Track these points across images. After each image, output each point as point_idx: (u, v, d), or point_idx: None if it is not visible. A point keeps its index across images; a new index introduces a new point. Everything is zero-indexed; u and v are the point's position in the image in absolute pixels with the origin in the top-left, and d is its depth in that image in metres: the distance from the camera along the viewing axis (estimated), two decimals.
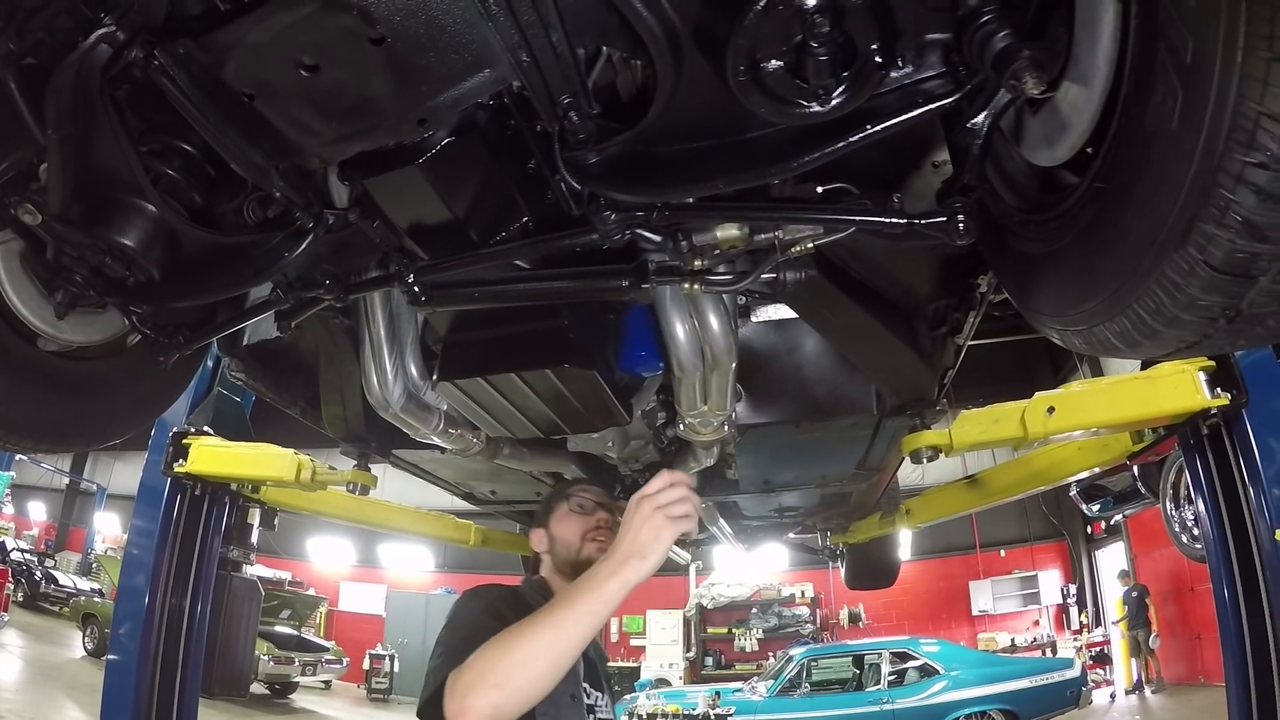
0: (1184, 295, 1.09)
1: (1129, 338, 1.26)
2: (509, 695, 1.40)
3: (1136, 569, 15.12)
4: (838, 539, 6.93)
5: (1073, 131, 1.27)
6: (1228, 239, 0.99)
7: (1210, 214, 0.99)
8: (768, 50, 1.25)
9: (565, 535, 2.05)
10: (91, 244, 1.87)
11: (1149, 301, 1.16)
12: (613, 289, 1.87)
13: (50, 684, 11.37)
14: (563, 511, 2.09)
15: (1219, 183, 0.96)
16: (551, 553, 2.07)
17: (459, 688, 1.42)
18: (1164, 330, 1.18)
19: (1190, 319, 1.12)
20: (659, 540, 1.52)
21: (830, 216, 1.62)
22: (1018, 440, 3.16)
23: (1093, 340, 1.36)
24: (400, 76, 1.41)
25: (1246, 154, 0.92)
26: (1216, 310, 1.09)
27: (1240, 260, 1.00)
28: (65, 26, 1.41)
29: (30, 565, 19.59)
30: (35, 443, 2.21)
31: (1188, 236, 1.03)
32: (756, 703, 11.17)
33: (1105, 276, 1.24)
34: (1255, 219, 0.96)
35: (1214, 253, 1.01)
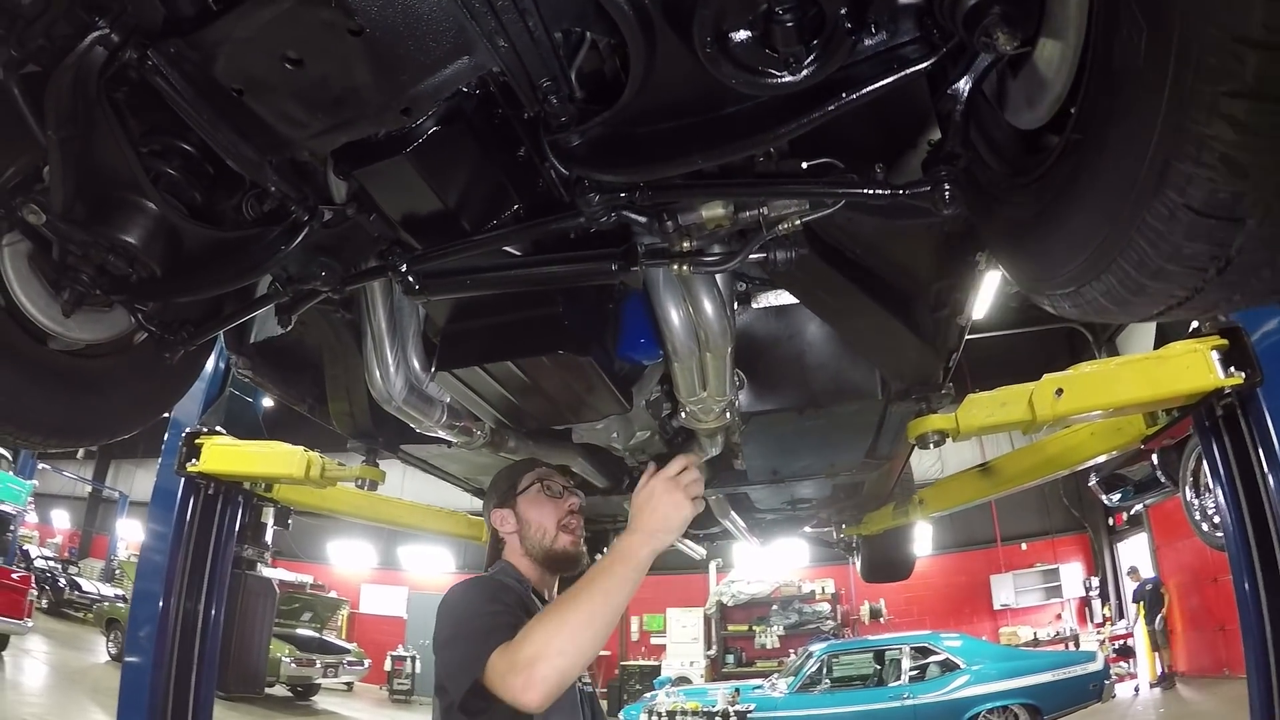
0: (1167, 244, 1.04)
1: (1116, 295, 1.22)
2: (572, 660, 1.55)
3: (1159, 560, 14.96)
4: (851, 531, 6.89)
5: (1052, 89, 1.26)
6: (1207, 178, 0.94)
7: (1186, 152, 0.94)
8: (734, 20, 1.25)
9: (539, 519, 2.07)
10: (94, 242, 1.92)
11: (1132, 254, 1.11)
12: (602, 272, 1.88)
13: (74, 688, 11.51)
14: (533, 494, 2.10)
15: (1192, 117, 0.91)
16: (521, 535, 2.07)
17: (520, 661, 1.53)
18: (1151, 284, 1.13)
19: (1177, 270, 1.08)
20: (680, 517, 1.75)
21: (810, 189, 1.61)
22: (1026, 423, 3.10)
23: (1082, 302, 1.33)
24: (381, 66, 1.43)
25: (1217, 83, 0.87)
26: (1204, 259, 1.04)
27: (1223, 201, 0.95)
28: (64, 33, 1.46)
29: (54, 572, 19.87)
30: (45, 438, 2.25)
31: (1165, 178, 0.99)
32: (776, 699, 11.14)
33: (1087, 231, 1.20)
34: (1234, 155, 0.90)
35: (1194, 194, 0.96)
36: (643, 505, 1.76)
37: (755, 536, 6.83)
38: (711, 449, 3.37)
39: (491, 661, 1.55)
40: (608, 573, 1.62)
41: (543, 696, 1.52)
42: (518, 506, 2.09)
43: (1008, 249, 1.58)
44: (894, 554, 7.20)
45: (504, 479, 2.18)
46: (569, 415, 2.64)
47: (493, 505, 2.15)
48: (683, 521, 1.76)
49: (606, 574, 1.62)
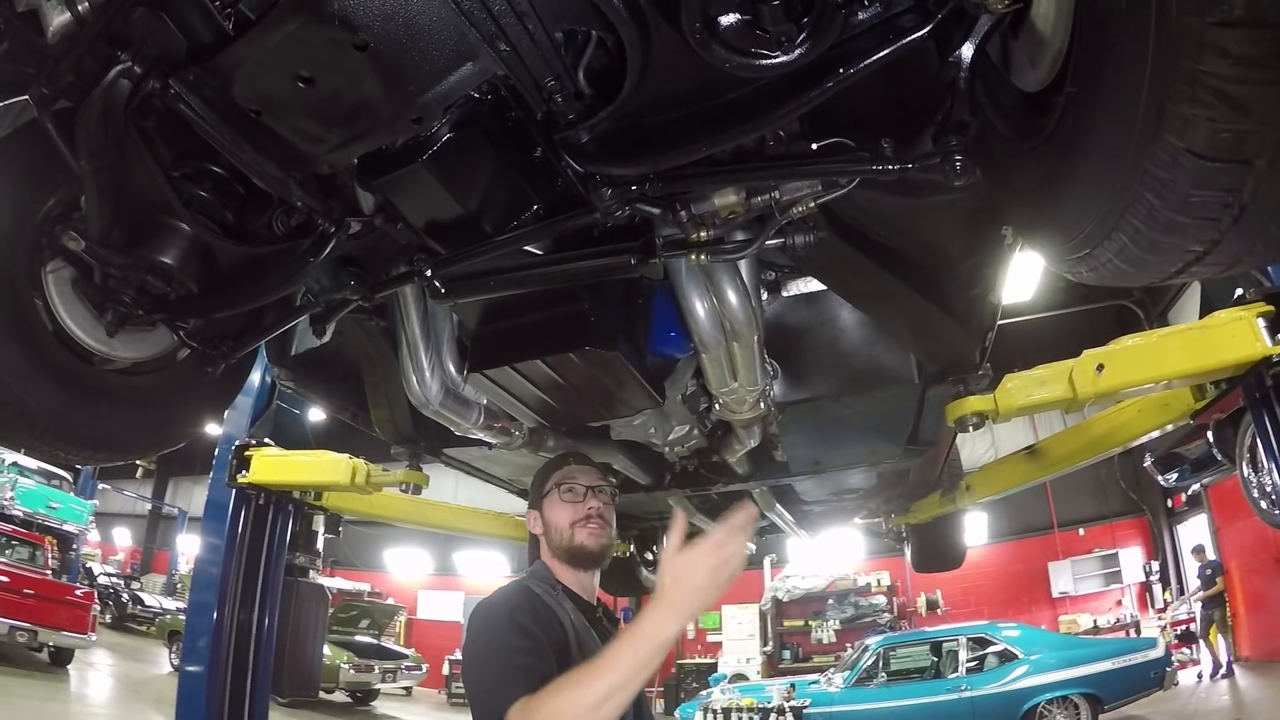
0: (1174, 193, 0.99)
1: (1130, 254, 1.17)
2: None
3: (1220, 541, 14.54)
4: (900, 520, 6.81)
5: (1051, 45, 1.23)
6: (1206, 118, 0.88)
7: (1180, 91, 0.89)
8: (720, 3, 1.26)
9: (556, 521, 2.04)
10: (133, 264, 2.01)
11: (1140, 208, 1.06)
12: (622, 266, 1.90)
13: (138, 699, 11.82)
14: (554, 497, 2.06)
15: (1181, 53, 0.86)
16: (546, 536, 2.06)
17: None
18: (1163, 239, 1.08)
19: (1188, 221, 1.02)
20: (715, 595, 1.49)
21: (817, 168, 1.61)
22: (1068, 402, 3.03)
23: (1097, 266, 1.28)
24: (388, 78, 1.48)
25: (1203, 13, 0.82)
26: (1215, 207, 0.98)
27: (1226, 142, 0.89)
28: (91, 68, 1.54)
29: (117, 588, 20.43)
30: (93, 453, 2.33)
31: (1162, 121, 0.93)
32: (833, 694, 11.03)
33: (1092, 188, 1.16)
34: (1231, 89, 0.85)
35: (1194, 137, 0.91)
36: (679, 578, 1.49)
37: (803, 529, 6.80)
38: (750, 441, 3.36)
39: (510, 715, 1.51)
40: (630, 651, 1.47)
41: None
42: (543, 508, 2.08)
43: (1023, 217, 1.54)
44: (944, 542, 7.10)
45: (538, 479, 2.17)
46: (602, 412, 2.66)
47: (529, 508, 2.16)
48: (716, 597, 1.50)
49: (630, 652, 1.46)
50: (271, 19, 1.41)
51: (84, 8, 1.49)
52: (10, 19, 1.55)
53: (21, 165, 2.08)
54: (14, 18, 1.54)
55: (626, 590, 8.12)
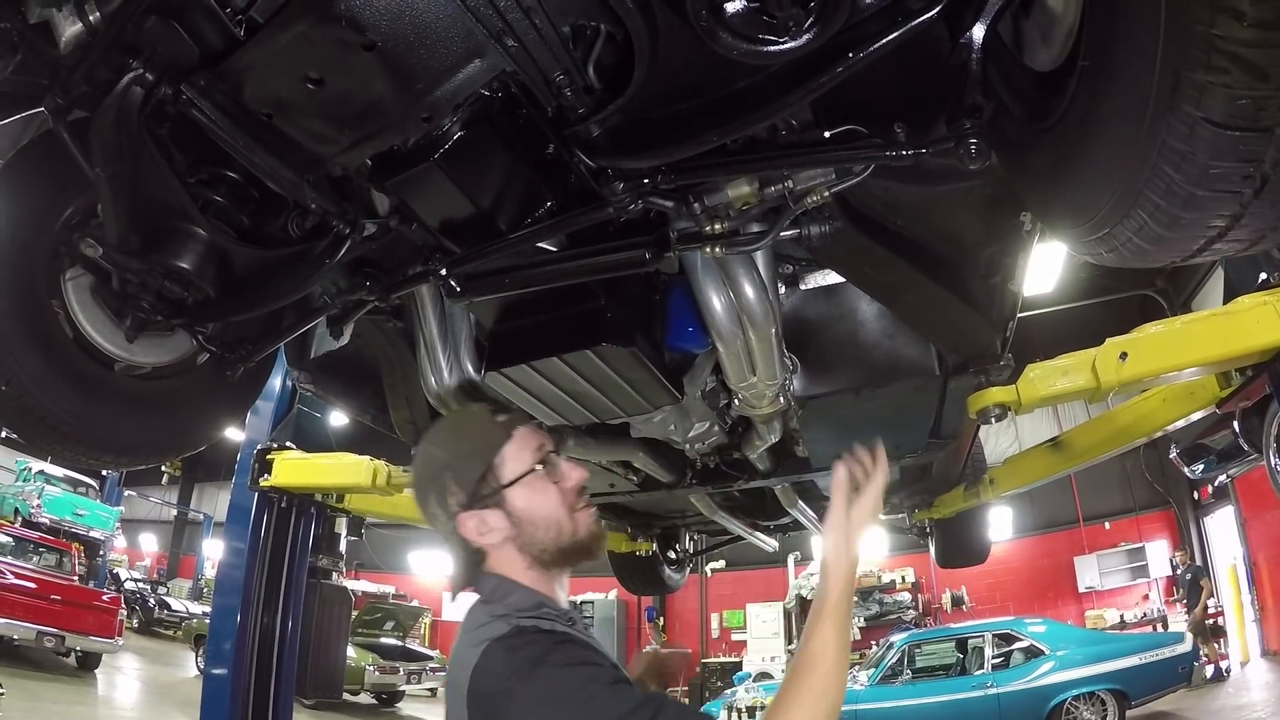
0: (1193, 165, 0.96)
1: (1150, 233, 1.14)
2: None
3: (1247, 533, 14.33)
4: (923, 516, 6.76)
5: (1063, 21, 1.21)
6: (1223, 85, 0.85)
7: (1195, 58, 0.86)
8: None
9: (548, 513, 1.48)
10: (150, 269, 2.04)
11: (1159, 183, 1.03)
12: (637, 260, 1.88)
13: (165, 701, 11.97)
14: (532, 481, 1.48)
15: (1195, 17, 0.83)
16: (521, 540, 1.46)
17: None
18: (1184, 214, 1.05)
19: (1209, 195, 0.99)
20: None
21: (829, 155, 1.59)
22: (1091, 391, 2.98)
23: (1117, 245, 1.25)
24: (397, 77, 1.48)
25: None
26: (1237, 178, 0.95)
27: (1245, 109, 0.86)
28: (105, 77, 1.56)
29: (144, 593, 20.67)
30: (116, 458, 2.36)
31: (1178, 91, 0.90)
32: (858, 692, 10.96)
33: (1109, 165, 1.13)
34: (1247, 54, 0.82)
35: (1211, 105, 0.88)
36: (854, 535, 1.42)
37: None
38: (771, 436, 3.34)
39: None
40: (840, 639, 1.33)
41: None
42: (508, 503, 1.46)
43: (1040, 199, 1.52)
44: (969, 537, 7.04)
45: (469, 459, 1.48)
46: (621, 407, 2.64)
47: (456, 509, 1.46)
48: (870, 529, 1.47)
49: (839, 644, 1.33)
50: (279, 21, 1.42)
51: (95, 17, 1.51)
52: (23, 31, 1.56)
53: (39, 175, 2.11)
54: (27, 29, 1.56)
55: (650, 590, 8.10)
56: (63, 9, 1.51)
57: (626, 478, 4.17)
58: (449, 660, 1.48)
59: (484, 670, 1.27)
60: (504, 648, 1.29)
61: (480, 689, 1.27)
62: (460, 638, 1.42)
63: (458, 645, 1.41)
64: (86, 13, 1.51)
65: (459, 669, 1.34)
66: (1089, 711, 9.68)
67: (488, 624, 1.36)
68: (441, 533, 1.52)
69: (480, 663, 1.29)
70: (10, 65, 1.60)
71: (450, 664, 1.43)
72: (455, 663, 1.38)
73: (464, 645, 1.37)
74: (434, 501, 1.48)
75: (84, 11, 1.51)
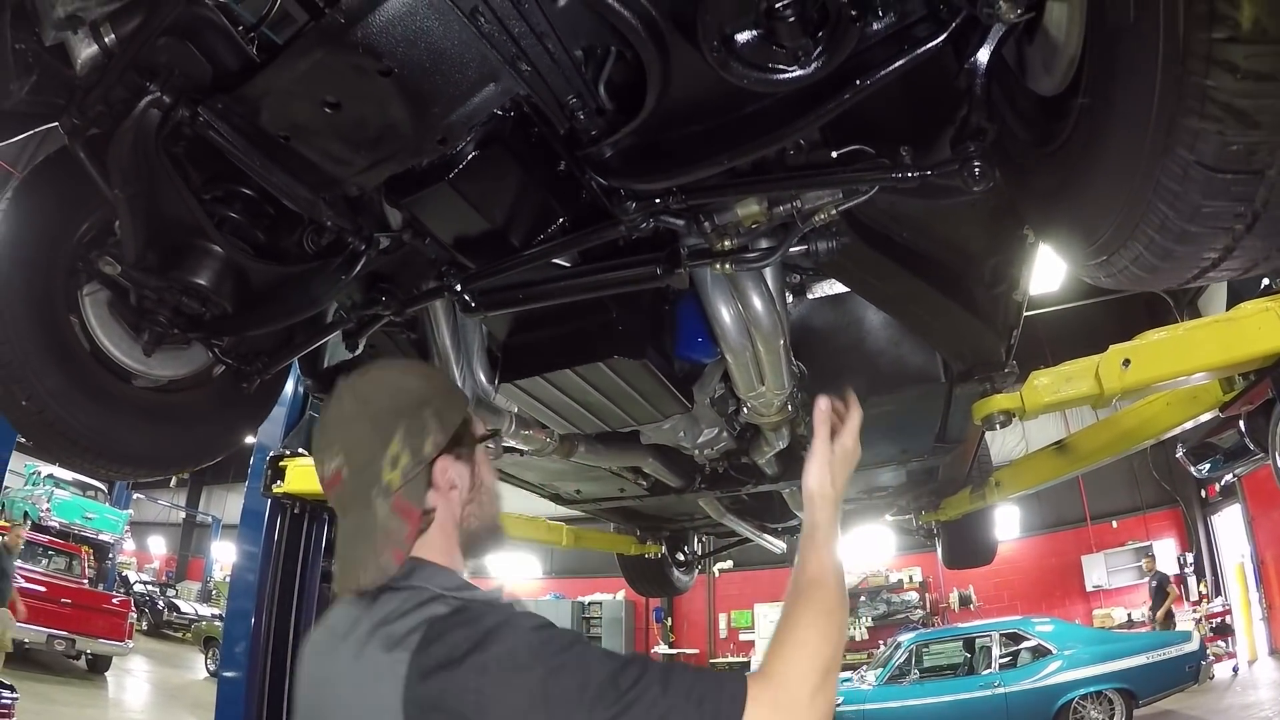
0: (1186, 204, 0.99)
1: (1145, 262, 1.18)
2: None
3: (1255, 531, 14.30)
4: (929, 518, 6.78)
5: (1065, 51, 1.23)
6: (1215, 131, 0.89)
7: (1189, 106, 0.90)
8: (736, 22, 1.28)
9: (494, 484, 1.40)
10: (168, 286, 2.06)
11: (1153, 218, 1.06)
12: (648, 276, 1.91)
13: (175, 704, 12.05)
14: (481, 450, 1.38)
15: (1190, 69, 0.87)
16: (471, 506, 1.34)
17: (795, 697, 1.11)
18: (1178, 247, 1.08)
19: (1201, 230, 1.02)
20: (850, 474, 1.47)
21: (837, 178, 1.62)
22: (1094, 398, 3.00)
23: (1114, 272, 1.29)
24: (413, 102, 1.51)
25: (1210, 30, 0.83)
26: (1228, 216, 0.98)
27: (1237, 154, 0.90)
28: (121, 97, 1.58)
29: (153, 595, 20.80)
30: (135, 469, 2.40)
31: (1172, 135, 0.94)
32: (865, 692, 10.99)
33: (1107, 197, 1.16)
34: (1239, 103, 0.86)
35: (1204, 150, 0.92)
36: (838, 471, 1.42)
37: None
38: (779, 442, 3.38)
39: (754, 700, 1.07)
40: (835, 561, 1.34)
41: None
42: (476, 463, 1.35)
43: (1042, 220, 1.54)
44: (975, 538, 7.06)
45: (447, 406, 1.31)
46: (632, 416, 2.68)
47: (432, 451, 1.26)
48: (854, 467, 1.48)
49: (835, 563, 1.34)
50: (297, 48, 1.45)
51: (110, 40, 1.53)
52: (38, 52, 1.58)
53: (54, 192, 2.13)
54: (42, 51, 1.58)
55: (659, 591, 8.14)
56: (78, 32, 1.52)
57: (636, 482, 4.21)
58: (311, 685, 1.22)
59: (434, 657, 1.05)
60: (454, 623, 1.09)
61: (432, 679, 1.03)
62: (341, 648, 1.15)
63: (339, 659, 1.15)
64: (102, 35, 1.53)
65: (363, 685, 1.09)
66: (1096, 711, 9.69)
67: (409, 612, 1.12)
68: (371, 486, 1.22)
69: (422, 653, 1.05)
70: (26, 86, 1.62)
71: (335, 683, 1.14)
72: (349, 680, 1.12)
73: (359, 653, 1.12)
74: (400, 439, 1.23)
75: (99, 34, 1.53)
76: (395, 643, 1.07)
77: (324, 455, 1.28)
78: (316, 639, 1.26)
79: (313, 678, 1.22)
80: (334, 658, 1.16)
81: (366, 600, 1.18)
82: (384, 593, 1.17)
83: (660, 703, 1.02)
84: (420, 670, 1.04)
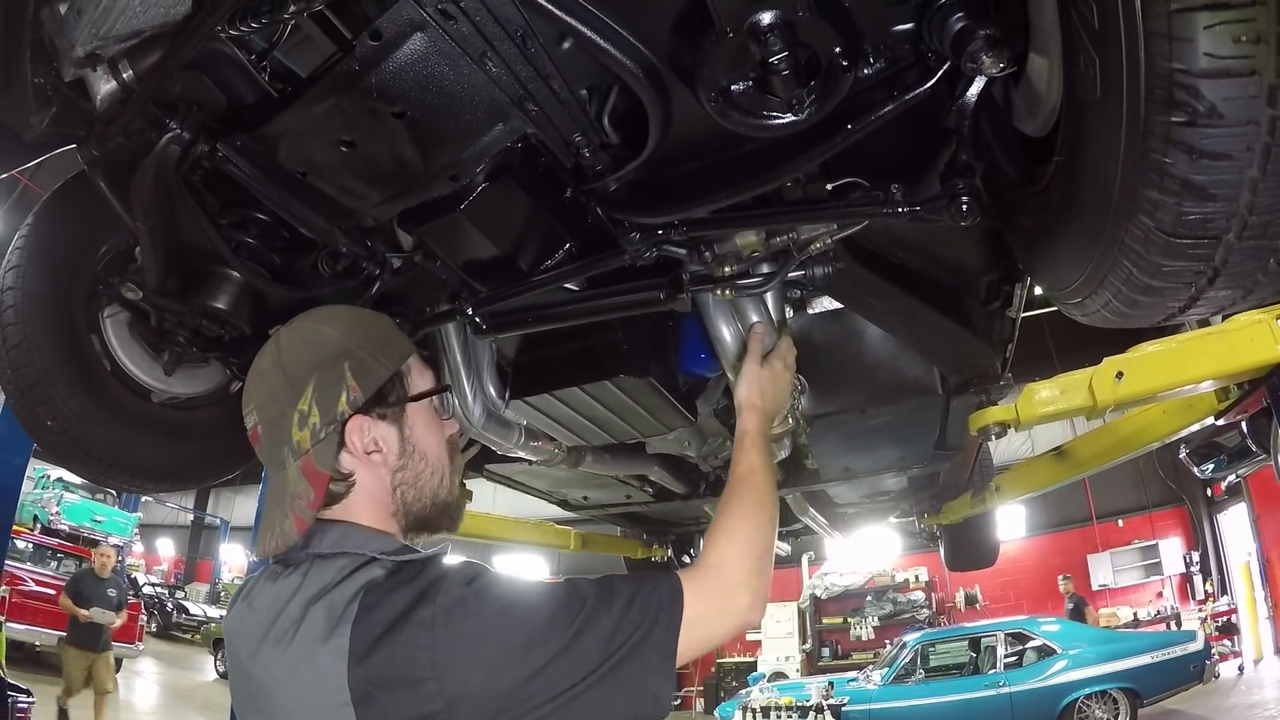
0: (1149, 263, 1.05)
1: (1114, 308, 1.24)
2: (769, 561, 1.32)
3: (1261, 530, 14.27)
4: (931, 521, 6.84)
5: (1046, 102, 1.28)
6: (1173, 203, 0.94)
7: (1149, 180, 0.95)
8: (732, 74, 1.33)
9: (438, 452, 1.27)
10: (188, 310, 2.13)
11: (1120, 272, 1.13)
12: (652, 301, 1.98)
13: (185, 705, 12.14)
14: (430, 411, 1.27)
15: (1150, 147, 0.92)
16: (400, 473, 1.21)
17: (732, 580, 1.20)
18: (1143, 299, 1.15)
19: (1164, 285, 1.09)
20: (786, 391, 1.83)
21: (832, 212, 1.69)
22: (1088, 410, 3.05)
23: (1088, 313, 1.36)
24: (425, 141, 1.59)
25: (1169, 114, 0.88)
26: (1189, 274, 1.05)
27: (1193, 223, 0.96)
28: (139, 128, 1.63)
29: (162, 598, 20.93)
30: (155, 484, 2.47)
31: (1135, 204, 1.00)
32: (871, 691, 11.03)
33: (1078, 250, 1.23)
34: (1195, 179, 0.91)
35: (1163, 219, 0.97)
36: (766, 387, 1.73)
37: (836, 530, 6.85)
38: (780, 452, 3.43)
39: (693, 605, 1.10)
40: (763, 456, 1.52)
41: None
42: (406, 422, 1.23)
43: (1024, 256, 1.61)
44: (977, 541, 7.10)
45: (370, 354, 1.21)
46: (638, 430, 2.75)
47: (347, 410, 1.16)
48: (787, 394, 1.83)
49: (764, 457, 1.52)
50: (314, 93, 1.51)
51: (129, 75, 1.58)
52: (58, 87, 1.63)
53: (74, 217, 2.20)
54: (61, 85, 1.63)
55: None
56: (97, 69, 1.57)
57: (642, 489, 4.28)
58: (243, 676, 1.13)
59: (377, 624, 0.99)
60: (393, 584, 1.03)
61: (378, 649, 0.98)
62: (271, 632, 1.06)
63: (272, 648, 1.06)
64: (120, 71, 1.57)
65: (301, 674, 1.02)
66: (1101, 710, 9.72)
67: (344, 580, 1.05)
68: (282, 444, 1.15)
69: (362, 623, 0.99)
70: (46, 119, 1.66)
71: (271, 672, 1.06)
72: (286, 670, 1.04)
73: (293, 637, 1.03)
74: (310, 394, 1.14)
75: (117, 70, 1.57)
76: (335, 619, 1.01)
77: (244, 409, 1.22)
78: (240, 616, 1.16)
79: (243, 666, 1.12)
80: (265, 645, 1.07)
81: (293, 572, 1.11)
82: (315, 562, 1.10)
83: (605, 620, 1.04)
84: (364, 642, 0.98)
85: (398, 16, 1.34)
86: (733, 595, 1.19)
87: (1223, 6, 0.82)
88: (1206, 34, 0.83)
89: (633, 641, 1.05)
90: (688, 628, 1.09)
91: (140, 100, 1.57)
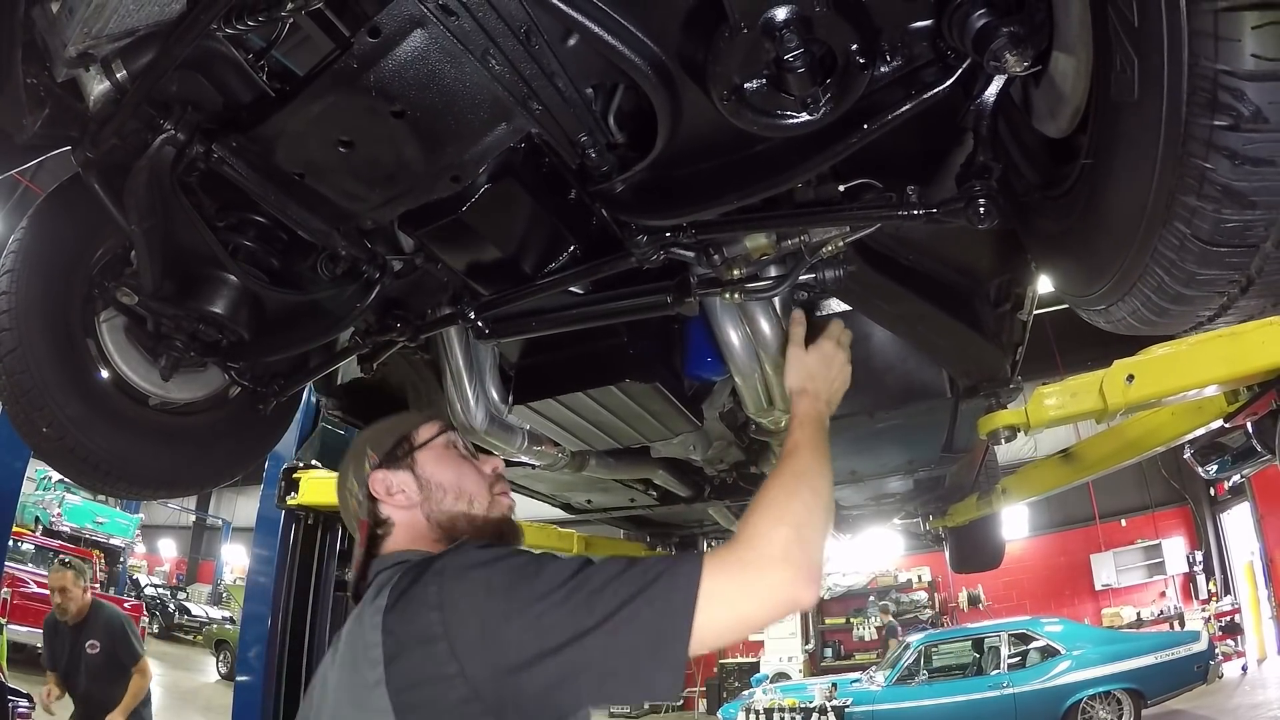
0: (1182, 271, 1.01)
1: (1142, 316, 1.20)
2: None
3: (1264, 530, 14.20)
4: (938, 523, 6.81)
5: (1069, 102, 1.24)
6: (1212, 210, 0.91)
7: (1188, 185, 0.91)
8: (745, 72, 1.29)
9: (459, 482, 1.45)
10: (185, 315, 2.09)
11: (1151, 280, 1.08)
12: (658, 305, 1.94)
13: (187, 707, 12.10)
14: (439, 449, 1.50)
15: (1190, 151, 0.89)
16: (428, 508, 1.42)
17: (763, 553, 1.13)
18: (1174, 307, 1.11)
19: (1197, 294, 1.05)
20: (844, 386, 1.73)
21: (846, 215, 1.64)
22: (1098, 413, 3.02)
23: (1112, 320, 1.31)
24: (426, 142, 1.54)
25: (1212, 117, 0.85)
26: (1223, 283, 1.01)
27: (1231, 230, 0.92)
28: (134, 129, 1.59)
29: (163, 599, 20.90)
30: (155, 490, 2.42)
31: (1171, 210, 0.96)
32: (874, 692, 10.99)
33: (1107, 256, 1.18)
34: (1236, 185, 0.87)
35: (1201, 226, 0.93)
36: (815, 371, 1.63)
37: (842, 531, 6.82)
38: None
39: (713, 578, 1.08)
40: (810, 437, 1.42)
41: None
42: (418, 466, 1.45)
43: (1044, 260, 1.56)
44: (983, 543, 7.07)
45: (383, 435, 1.53)
46: (643, 435, 2.71)
47: (369, 470, 1.45)
48: (846, 373, 1.72)
49: (818, 439, 1.43)
50: (311, 91, 1.47)
51: (122, 76, 1.53)
52: (50, 87, 1.59)
53: (69, 220, 2.15)
54: (54, 86, 1.59)
55: None
56: (90, 69, 1.53)
57: (646, 493, 4.24)
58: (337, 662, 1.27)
59: (399, 590, 1.15)
60: (421, 566, 1.17)
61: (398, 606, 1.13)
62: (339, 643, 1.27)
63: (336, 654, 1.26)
64: (113, 71, 1.53)
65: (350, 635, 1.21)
66: (1105, 711, 9.68)
67: (388, 578, 1.22)
68: (353, 514, 1.48)
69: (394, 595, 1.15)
70: (39, 120, 1.62)
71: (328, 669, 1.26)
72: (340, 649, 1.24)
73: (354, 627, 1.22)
74: (351, 474, 1.48)
75: (111, 71, 1.53)
76: (380, 589, 1.20)
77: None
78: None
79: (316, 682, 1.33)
80: (333, 654, 1.27)
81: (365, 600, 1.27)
82: (371, 584, 1.29)
83: (611, 582, 1.08)
84: (395, 595, 1.14)
85: (397, 12, 1.30)
86: (762, 569, 1.12)
87: (1272, 6, 0.78)
88: (1254, 34, 0.79)
89: (638, 603, 1.06)
90: (707, 601, 1.06)
91: (134, 101, 1.53)
